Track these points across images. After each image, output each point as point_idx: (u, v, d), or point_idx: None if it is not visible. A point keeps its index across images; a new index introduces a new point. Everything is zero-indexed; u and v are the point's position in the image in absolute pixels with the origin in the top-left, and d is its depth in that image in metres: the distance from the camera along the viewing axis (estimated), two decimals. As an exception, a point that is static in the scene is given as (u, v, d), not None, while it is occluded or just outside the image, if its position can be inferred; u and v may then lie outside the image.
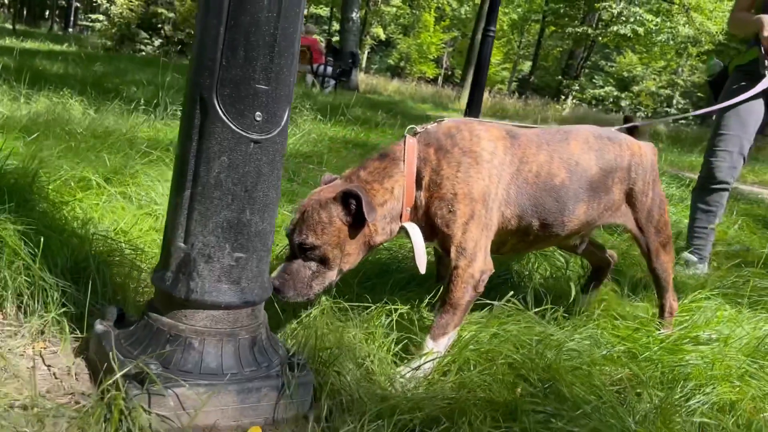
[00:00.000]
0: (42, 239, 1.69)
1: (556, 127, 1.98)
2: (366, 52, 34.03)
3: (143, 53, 16.56)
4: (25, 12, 35.85)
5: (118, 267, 1.85)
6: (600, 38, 23.59)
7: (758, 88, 2.68)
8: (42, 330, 1.61)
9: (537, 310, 1.82)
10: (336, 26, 33.32)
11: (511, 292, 1.80)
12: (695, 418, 1.50)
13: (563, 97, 22.55)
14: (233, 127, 1.30)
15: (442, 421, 1.36)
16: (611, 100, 29.30)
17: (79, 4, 32.59)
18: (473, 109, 8.79)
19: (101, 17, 19.76)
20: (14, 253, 1.71)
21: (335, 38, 19.55)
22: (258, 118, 1.31)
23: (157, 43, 16.89)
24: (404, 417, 1.37)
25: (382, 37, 36.94)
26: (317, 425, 1.38)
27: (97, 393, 1.31)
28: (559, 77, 26.33)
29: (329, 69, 12.06)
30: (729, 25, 3.16)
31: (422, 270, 1.65)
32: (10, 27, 22.50)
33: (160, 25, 16.85)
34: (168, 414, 1.27)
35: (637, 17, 21.75)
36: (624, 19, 21.64)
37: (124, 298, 1.77)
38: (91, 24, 25.05)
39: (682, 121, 27.54)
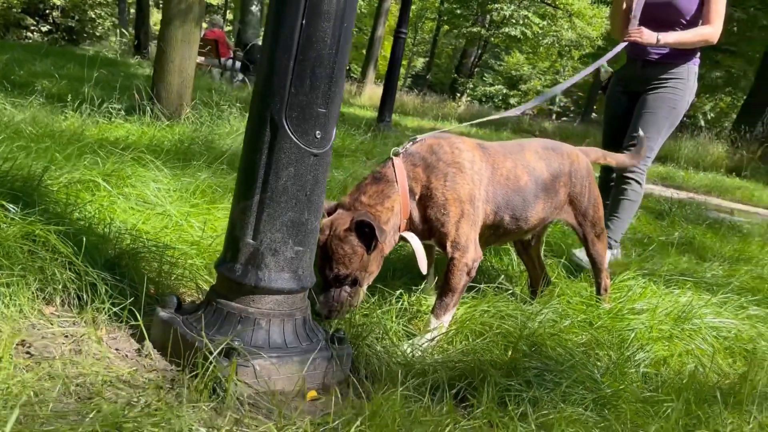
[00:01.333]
0: (84, 238, 1.87)
1: (511, 141, 2.37)
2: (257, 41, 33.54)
3: (29, 40, 15.63)
4: None
5: (148, 262, 2.04)
6: (492, 39, 24.84)
7: (582, 74, 3.15)
8: (94, 319, 1.79)
9: (510, 291, 2.21)
10: (230, 16, 32.69)
11: (502, 277, 2.18)
12: (641, 370, 1.94)
13: (458, 94, 23.55)
14: (299, 144, 1.57)
15: (462, 379, 1.70)
16: (500, 97, 30.88)
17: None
18: (387, 106, 9.22)
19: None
20: (54, 251, 1.87)
21: (228, 27, 19.36)
22: (318, 136, 1.59)
23: (44, 29, 16.00)
24: (428, 378, 1.70)
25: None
26: (359, 387, 1.68)
27: (189, 366, 1.54)
28: (454, 75, 27.43)
29: (237, 63, 12.03)
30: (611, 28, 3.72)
31: (424, 271, 1.96)
32: None
33: (48, 11, 15.98)
34: (250, 381, 1.53)
35: (525, 20, 23.12)
36: (514, 21, 22.94)
37: (159, 289, 1.97)
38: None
39: (565, 118, 29.46)
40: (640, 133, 2.91)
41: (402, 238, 1.98)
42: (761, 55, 17.16)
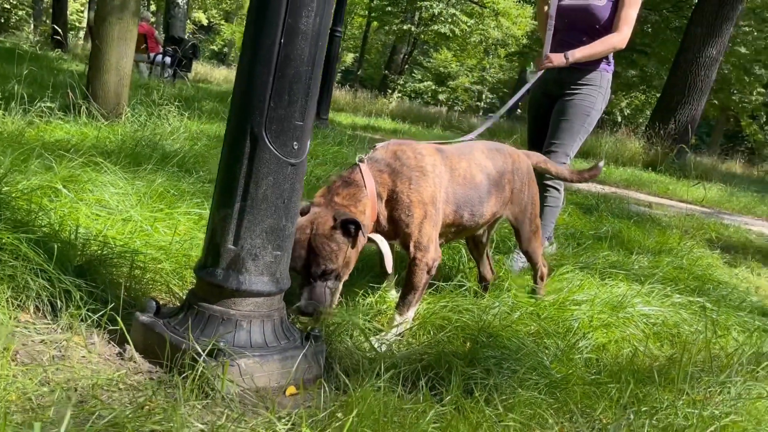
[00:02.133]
0: (54, 246, 1.90)
1: (459, 143, 2.53)
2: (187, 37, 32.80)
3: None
4: None
5: (118, 268, 2.08)
6: (422, 36, 25.24)
7: (520, 94, 3.38)
8: (71, 326, 1.83)
9: (465, 288, 2.38)
10: (153, 7, 31.69)
11: (461, 275, 2.34)
12: (584, 356, 2.15)
13: (390, 90, 23.82)
14: (278, 155, 1.67)
15: (429, 370, 1.85)
16: (429, 94, 31.40)
17: None
18: (323, 105, 9.29)
19: None
20: (25, 259, 1.89)
21: (152, 18, 18.85)
22: (295, 147, 1.69)
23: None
24: (400, 370, 1.84)
25: (204, 22, 35.91)
26: (334, 382, 1.80)
27: (176, 367, 1.61)
28: (385, 71, 27.71)
29: (167, 59, 11.78)
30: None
31: (390, 271, 2.10)
32: None
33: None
34: (236, 380, 1.62)
35: (454, 18, 23.63)
36: (443, 19, 23.40)
37: (131, 294, 2.02)
38: None
39: (491, 114, 30.19)
40: (568, 161, 3.14)
41: (369, 240, 2.10)
42: (673, 55, 18.25)
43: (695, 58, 14.01)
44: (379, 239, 2.07)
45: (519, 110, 25.45)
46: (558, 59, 3.29)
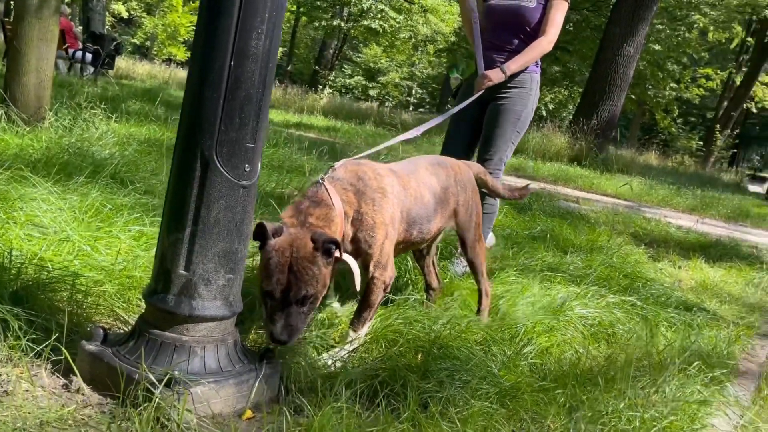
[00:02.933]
0: (-11, 274, 1.81)
1: (404, 161, 2.55)
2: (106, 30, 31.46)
3: None
4: None
5: (57, 293, 2.00)
6: (352, 31, 25.20)
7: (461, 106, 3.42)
8: (10, 358, 1.75)
9: (414, 299, 2.42)
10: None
11: (410, 288, 2.37)
12: (529, 361, 2.23)
13: (320, 86, 23.68)
14: (230, 178, 1.65)
15: (384, 386, 1.87)
16: (360, 89, 31.42)
17: None
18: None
19: None
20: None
21: (68, 11, 18.00)
22: (246, 169, 1.68)
23: None
24: (356, 389, 1.85)
25: (125, 15, 34.57)
26: (292, 403, 1.80)
27: (130, 398, 1.57)
28: (315, 67, 27.50)
29: (88, 55, 11.29)
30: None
31: (358, 289, 2.07)
32: None
33: None
34: (191, 408, 1.60)
35: (383, 14, 23.71)
36: (372, 15, 23.45)
37: (74, 320, 1.94)
38: None
39: (422, 110, 30.57)
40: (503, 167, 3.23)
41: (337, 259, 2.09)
42: (593, 53, 18.97)
43: (614, 56, 14.63)
44: (350, 259, 2.05)
45: (448, 105, 25.84)
46: (497, 76, 3.34)
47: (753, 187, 24.62)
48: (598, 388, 2.00)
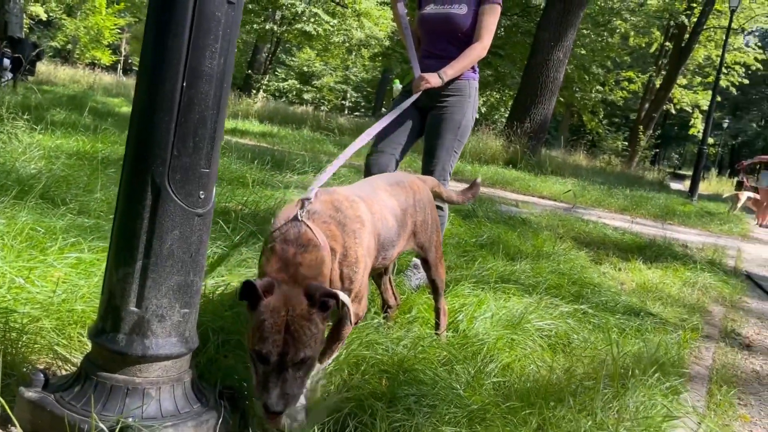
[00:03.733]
0: None
1: (362, 183, 2.45)
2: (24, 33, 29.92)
3: None
4: None
5: (-10, 332, 1.82)
6: (285, 35, 24.88)
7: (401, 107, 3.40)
8: (-64, 410, 1.57)
9: (376, 321, 2.35)
10: (-18, -1, 28.56)
11: (373, 310, 2.30)
12: (493, 379, 2.20)
13: (254, 91, 23.27)
14: (184, 206, 1.54)
15: (352, 417, 1.80)
16: (294, 92, 31.11)
17: None
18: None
19: None
20: None
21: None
22: (201, 196, 1.57)
23: None
24: (324, 427, 1.76)
25: (43, 17, 32.96)
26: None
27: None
28: (248, 71, 27.01)
29: (6, 61, 10.67)
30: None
31: (353, 322, 1.97)
32: None
33: None
34: (148, 457, 1.48)
35: (316, 18, 23.54)
36: (306, 18, 23.23)
37: (8, 361, 1.77)
38: None
39: (357, 113, 30.56)
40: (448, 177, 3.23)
41: None
42: (524, 57, 19.44)
43: (545, 61, 15.04)
44: (343, 297, 1.90)
45: (383, 109, 25.92)
46: (435, 80, 3.31)
47: (675, 185, 25.86)
48: (564, 406, 1.99)
